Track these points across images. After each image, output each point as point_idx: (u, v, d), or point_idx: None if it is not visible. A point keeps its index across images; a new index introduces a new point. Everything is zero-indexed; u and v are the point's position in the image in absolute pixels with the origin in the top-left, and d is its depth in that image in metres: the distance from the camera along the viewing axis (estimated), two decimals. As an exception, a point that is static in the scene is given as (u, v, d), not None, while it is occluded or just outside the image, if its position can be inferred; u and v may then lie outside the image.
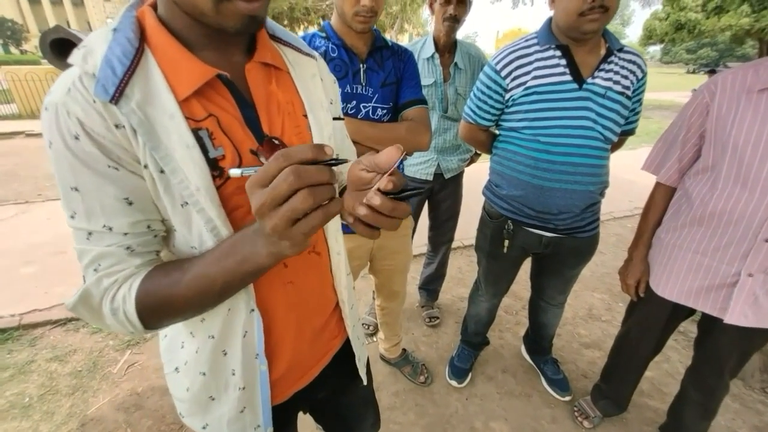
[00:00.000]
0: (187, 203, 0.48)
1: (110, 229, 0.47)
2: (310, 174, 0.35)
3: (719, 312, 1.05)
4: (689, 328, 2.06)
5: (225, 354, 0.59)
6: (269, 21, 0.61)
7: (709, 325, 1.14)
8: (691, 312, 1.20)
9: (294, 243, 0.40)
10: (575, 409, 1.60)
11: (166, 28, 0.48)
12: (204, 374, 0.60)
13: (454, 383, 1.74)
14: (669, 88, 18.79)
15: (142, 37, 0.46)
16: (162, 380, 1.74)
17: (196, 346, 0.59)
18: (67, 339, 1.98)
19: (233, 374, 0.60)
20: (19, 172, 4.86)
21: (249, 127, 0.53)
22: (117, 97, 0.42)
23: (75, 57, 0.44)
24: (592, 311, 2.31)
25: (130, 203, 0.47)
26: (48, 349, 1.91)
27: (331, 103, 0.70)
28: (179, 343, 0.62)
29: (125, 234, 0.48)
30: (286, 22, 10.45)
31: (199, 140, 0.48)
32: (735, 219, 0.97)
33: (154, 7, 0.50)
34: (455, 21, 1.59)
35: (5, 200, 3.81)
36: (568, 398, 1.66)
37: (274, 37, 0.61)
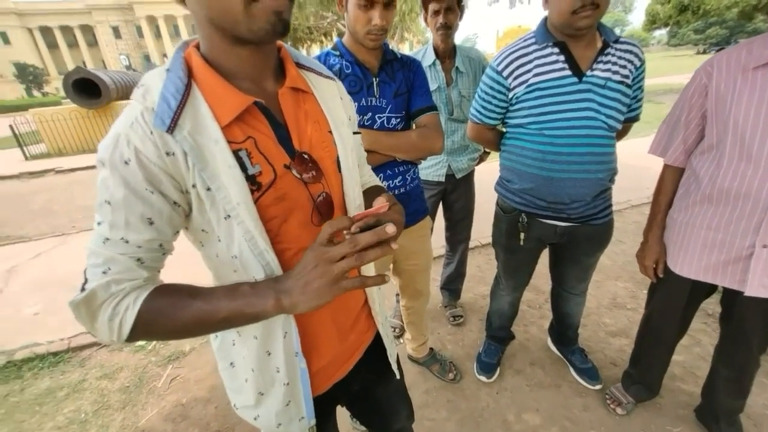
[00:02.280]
0: (229, 216, 0.56)
1: (126, 241, 0.53)
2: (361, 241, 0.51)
3: (739, 285, 1.07)
4: (717, 309, 2.03)
5: (269, 354, 0.67)
6: (293, 50, 0.70)
7: (732, 299, 1.15)
8: (712, 289, 1.21)
9: (309, 299, 0.53)
10: (607, 396, 1.61)
11: (209, 64, 0.57)
12: (253, 371, 0.68)
13: (483, 378, 1.77)
14: (679, 71, 18.34)
15: (190, 74, 0.55)
16: (203, 391, 1.84)
17: (244, 345, 0.67)
18: (112, 358, 2.10)
19: (278, 371, 0.67)
20: (53, 207, 5.15)
21: (282, 145, 0.61)
22: (172, 127, 0.51)
23: (136, 95, 0.54)
24: (617, 300, 2.30)
25: (151, 223, 0.54)
26: (97, 368, 2.04)
27: (350, 120, 0.78)
28: (230, 342, 0.70)
29: (139, 247, 0.54)
30: (290, 42, 10.80)
31: (239, 160, 0.56)
32: (743, 193, 1.00)
33: (197, 47, 0.59)
34: (448, 28, 1.67)
35: (44, 234, 4.05)
36: (598, 386, 1.67)
37: (299, 65, 0.70)
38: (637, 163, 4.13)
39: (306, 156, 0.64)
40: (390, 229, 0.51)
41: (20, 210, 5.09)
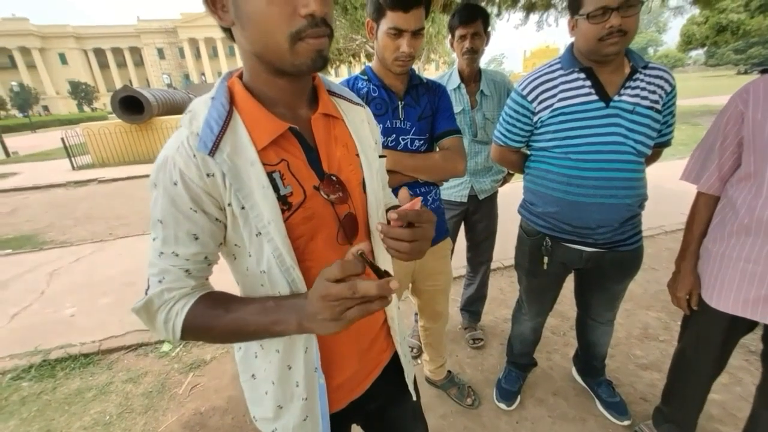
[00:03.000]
0: (260, 233, 0.60)
1: (177, 255, 0.59)
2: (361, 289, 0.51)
3: (782, 323, 1.00)
4: (760, 346, 1.89)
5: (290, 368, 0.68)
6: (326, 79, 0.75)
7: (774, 338, 1.08)
8: (753, 325, 1.14)
9: (325, 327, 0.54)
10: (636, 434, 1.51)
11: (250, 92, 0.62)
12: (273, 383, 0.70)
13: (502, 406, 1.71)
14: (717, 92, 17.66)
15: (232, 101, 0.60)
16: (222, 401, 1.87)
17: (266, 358, 0.70)
18: (138, 363, 2.18)
19: (297, 386, 0.69)
20: (94, 214, 5.49)
21: (312, 167, 0.65)
22: (213, 150, 0.56)
23: (183, 120, 0.59)
24: (648, 330, 2.18)
25: (197, 238, 0.59)
26: (123, 371, 2.12)
27: (376, 143, 0.81)
28: (253, 354, 0.72)
29: (187, 260, 0.60)
30: (319, 63, 11.23)
31: (272, 181, 0.60)
32: (785, 225, 0.95)
33: (240, 76, 0.65)
34: (474, 53, 1.70)
35: (84, 240, 4.31)
36: (627, 422, 1.58)
37: (330, 92, 0.74)
38: (672, 186, 3.96)
39: (334, 178, 0.67)
40: (394, 284, 0.50)
41: (65, 216, 5.45)
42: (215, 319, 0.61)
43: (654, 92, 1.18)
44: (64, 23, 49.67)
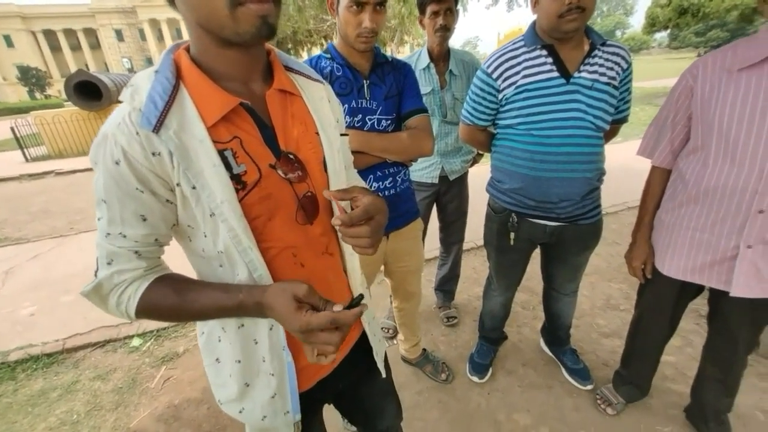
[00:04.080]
0: (213, 214, 0.57)
1: (124, 236, 0.57)
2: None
3: (725, 285, 1.07)
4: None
5: (256, 343, 0.67)
6: (282, 54, 0.72)
7: (718, 299, 1.16)
8: (700, 290, 1.22)
9: (293, 330, 0.57)
10: (597, 396, 1.61)
11: (198, 66, 0.58)
12: (239, 362, 0.68)
13: (475, 379, 1.77)
14: (679, 73, 18.35)
15: (178, 75, 0.57)
16: (196, 392, 1.84)
17: (229, 338, 0.68)
18: (106, 359, 2.11)
19: (263, 361, 0.68)
20: (52, 208, 5.17)
21: (268, 145, 0.62)
22: (158, 127, 0.52)
23: (124, 95, 0.55)
24: (610, 301, 2.30)
25: (145, 219, 0.57)
26: (90, 369, 2.04)
27: (338, 122, 0.79)
28: (216, 338, 0.71)
29: (136, 242, 0.58)
30: (290, 45, 10.85)
31: (224, 159, 0.57)
32: (728, 194, 1.00)
33: (187, 49, 0.61)
34: (446, 30, 1.69)
35: (42, 235, 4.07)
36: (589, 387, 1.67)
37: (287, 68, 0.71)
38: (633, 165, 4.12)
39: (291, 156, 0.65)
40: (364, 308, 0.57)
41: (19, 211, 5.11)
42: (171, 307, 0.61)
43: (611, 69, 1.20)
44: (7, 2, 45.41)
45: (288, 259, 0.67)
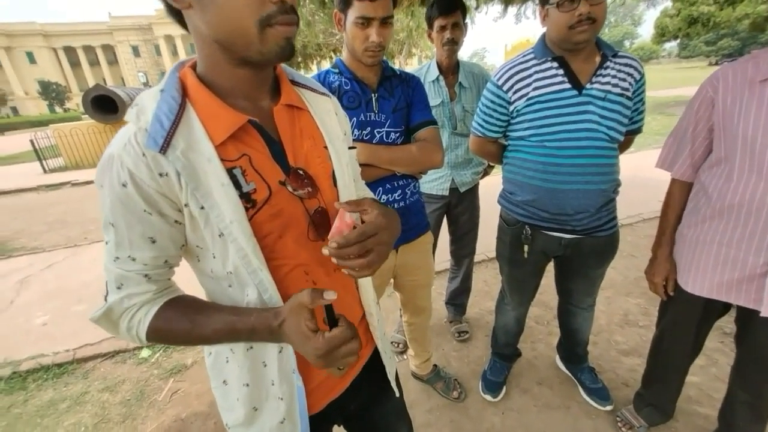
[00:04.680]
0: (222, 234, 0.56)
1: (134, 259, 0.56)
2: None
3: (754, 304, 1.02)
4: (734, 328, 1.96)
5: (265, 365, 0.65)
6: (288, 69, 0.71)
7: (747, 319, 1.10)
8: (726, 308, 1.16)
9: (306, 354, 0.56)
10: (618, 419, 1.54)
11: (205, 84, 0.57)
12: (247, 385, 0.66)
13: (488, 397, 1.71)
14: (690, 83, 18.18)
15: (184, 93, 0.56)
16: (203, 406, 1.81)
17: (238, 360, 0.66)
18: (116, 370, 2.10)
19: (272, 384, 0.66)
20: (67, 218, 5.28)
21: (277, 161, 0.61)
22: (165, 147, 0.51)
23: (130, 115, 0.54)
24: (628, 317, 2.23)
25: (154, 242, 0.56)
26: (100, 380, 2.04)
27: (345, 135, 0.78)
28: (224, 359, 0.69)
29: (145, 264, 0.57)
30: (300, 59, 11.04)
31: (233, 178, 0.56)
32: (755, 208, 0.96)
33: (193, 67, 0.60)
34: (454, 44, 1.69)
35: (57, 245, 4.14)
36: (609, 407, 1.60)
37: (294, 82, 0.70)
38: (649, 175, 4.06)
39: (301, 172, 0.64)
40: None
41: (36, 221, 5.23)
42: (181, 331, 0.60)
43: (624, 80, 1.19)
44: (31, 20, 47.37)
45: (300, 276, 0.65)
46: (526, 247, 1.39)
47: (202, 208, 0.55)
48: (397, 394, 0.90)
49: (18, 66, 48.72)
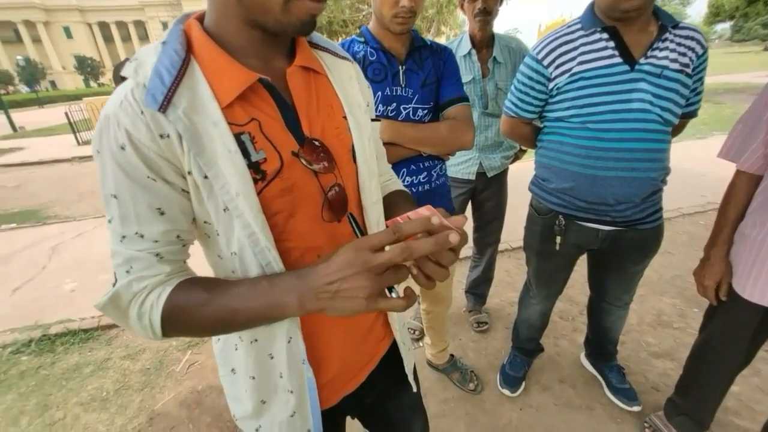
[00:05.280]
0: (227, 208, 0.49)
1: (142, 236, 0.49)
2: (416, 251, 0.43)
3: (826, 317, 0.89)
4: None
5: (272, 358, 0.60)
6: None
7: (813, 332, 0.97)
8: (787, 317, 1.03)
9: (339, 308, 0.46)
10: (646, 425, 1.44)
11: (212, 39, 0.50)
12: (253, 378, 0.61)
13: (506, 392, 1.65)
14: (742, 69, 16.76)
15: (189, 48, 0.49)
16: (218, 380, 1.83)
17: (244, 350, 0.61)
18: (137, 339, 2.16)
19: (281, 377, 0.60)
20: (97, 189, 5.29)
21: (290, 130, 0.54)
22: (165, 105, 0.45)
23: (127, 69, 0.47)
24: (662, 317, 2.09)
25: (162, 213, 0.49)
26: (122, 347, 2.10)
27: (368, 106, 0.70)
28: (233, 346, 0.64)
29: (156, 241, 0.50)
30: (325, 35, 10.84)
31: (241, 144, 0.49)
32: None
33: (200, 20, 0.53)
34: (487, 14, 1.55)
35: (87, 215, 4.29)
36: (636, 408, 1.51)
37: (311, 43, 0.62)
38: (691, 167, 3.78)
39: (317, 143, 0.57)
40: (453, 237, 0.43)
41: (69, 191, 5.44)
42: (199, 308, 0.51)
43: (684, 54, 1.04)
44: (67, -5, 48.69)
45: (311, 261, 0.59)
46: (558, 239, 1.28)
47: (206, 177, 0.48)
48: (414, 389, 0.85)
49: (56, 41, 50.49)
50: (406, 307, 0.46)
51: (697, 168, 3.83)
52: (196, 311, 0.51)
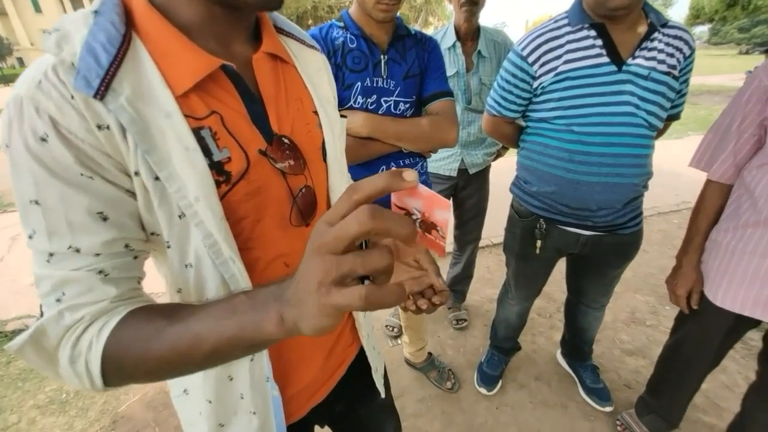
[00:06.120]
0: (184, 215, 0.42)
1: (78, 250, 0.38)
2: (388, 219, 0.27)
3: (795, 324, 0.90)
4: (750, 335, 1.85)
5: (231, 379, 0.54)
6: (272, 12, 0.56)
7: (780, 338, 0.99)
8: (756, 323, 1.05)
9: (325, 313, 0.29)
10: (618, 423, 1.47)
11: (159, 12, 0.42)
12: (210, 402, 0.55)
13: (483, 391, 1.65)
14: (718, 71, 17.32)
15: (129, 22, 0.40)
16: (189, 379, 1.77)
17: (200, 373, 0.55)
18: (103, 337, 2.06)
19: (242, 398, 0.55)
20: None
21: (256, 125, 0.48)
22: (103, 91, 0.36)
23: (47, 43, 0.37)
24: (635, 315, 2.13)
25: (105, 218, 0.39)
26: (85, 346, 2.00)
27: (335, 98, 0.65)
28: None
29: (97, 255, 0.39)
30: (310, 21, 10.55)
31: (201, 141, 0.42)
32: (815, 217, 0.82)
33: None
34: (474, 4, 1.49)
35: (52, 203, 4.06)
36: (609, 409, 1.53)
37: (276, 27, 0.56)
38: (667, 166, 3.85)
39: (286, 140, 0.51)
40: (408, 175, 0.29)
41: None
42: (154, 338, 0.38)
43: (672, 55, 1.02)
44: (35, -34, 45.70)
45: (278, 270, 0.53)
46: (538, 243, 1.26)
47: (157, 178, 0.40)
48: (383, 396, 0.81)
49: (23, 14, 47.43)
50: (373, 304, 0.28)
51: (673, 168, 3.92)
52: (152, 343, 0.38)
